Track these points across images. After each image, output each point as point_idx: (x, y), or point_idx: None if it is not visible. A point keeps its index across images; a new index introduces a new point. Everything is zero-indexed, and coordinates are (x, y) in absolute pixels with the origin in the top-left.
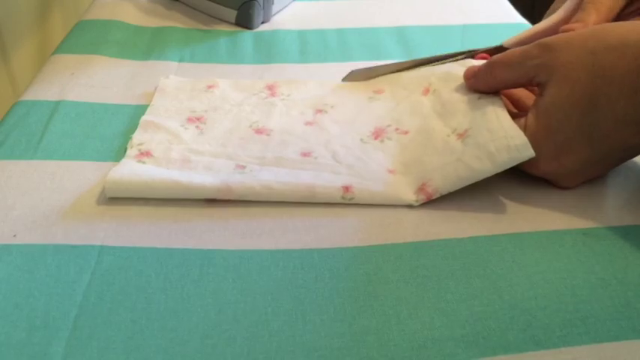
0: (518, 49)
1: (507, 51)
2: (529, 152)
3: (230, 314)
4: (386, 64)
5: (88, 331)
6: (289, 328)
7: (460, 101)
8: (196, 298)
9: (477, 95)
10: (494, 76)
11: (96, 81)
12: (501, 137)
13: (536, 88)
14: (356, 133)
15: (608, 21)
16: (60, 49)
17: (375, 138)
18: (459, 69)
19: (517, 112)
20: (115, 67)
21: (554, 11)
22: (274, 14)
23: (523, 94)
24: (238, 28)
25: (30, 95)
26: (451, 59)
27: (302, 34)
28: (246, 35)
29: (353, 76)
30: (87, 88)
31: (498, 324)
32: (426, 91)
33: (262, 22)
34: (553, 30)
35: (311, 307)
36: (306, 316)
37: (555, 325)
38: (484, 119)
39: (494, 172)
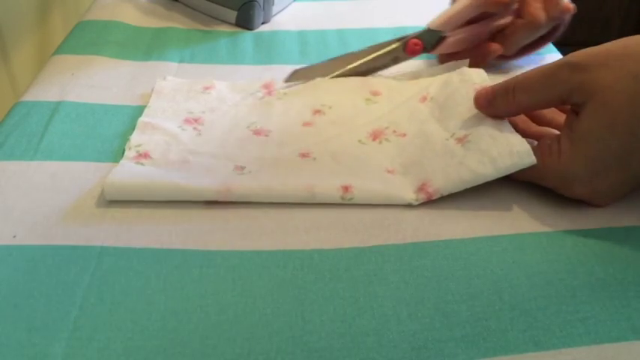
0: (538, 70)
1: (526, 74)
2: (531, 159)
3: (230, 315)
4: (328, 61)
5: (88, 332)
6: (289, 329)
7: (458, 106)
8: (196, 299)
9: (473, 97)
10: (518, 103)
11: (96, 81)
12: (504, 143)
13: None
14: (354, 134)
15: None
16: (60, 49)
17: (374, 139)
18: (456, 78)
19: (538, 128)
20: (115, 68)
21: None
22: (274, 15)
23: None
24: (238, 29)
25: (30, 96)
26: (386, 48)
27: (302, 35)
28: (247, 36)
29: (296, 76)
30: (87, 88)
31: (498, 325)
32: (424, 99)
33: (262, 23)
34: (480, 5)
35: (311, 308)
36: (306, 317)
37: (555, 325)
38: (485, 126)
39: (496, 177)
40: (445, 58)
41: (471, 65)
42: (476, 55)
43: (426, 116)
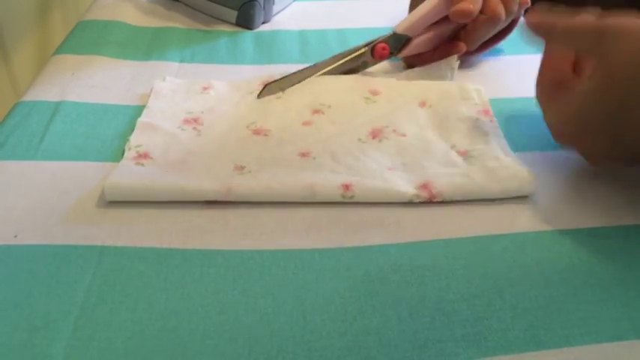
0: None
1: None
2: (531, 188)
3: (231, 314)
4: (299, 71)
5: (89, 332)
6: (290, 329)
7: (459, 122)
8: (197, 299)
9: (474, 117)
10: (555, 36)
11: (97, 81)
12: (509, 167)
13: None
14: (353, 133)
15: None
16: (60, 49)
17: (373, 138)
18: (456, 92)
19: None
20: (115, 68)
21: None
22: (275, 14)
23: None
24: (239, 29)
25: (31, 96)
26: (354, 53)
27: (303, 35)
28: (247, 35)
29: (269, 90)
30: (88, 88)
31: (499, 324)
32: (423, 104)
33: (263, 23)
34: (434, 11)
35: (312, 308)
36: (306, 317)
37: (556, 325)
38: (488, 146)
39: (501, 197)
40: (411, 60)
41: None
42: (442, 54)
43: (425, 122)
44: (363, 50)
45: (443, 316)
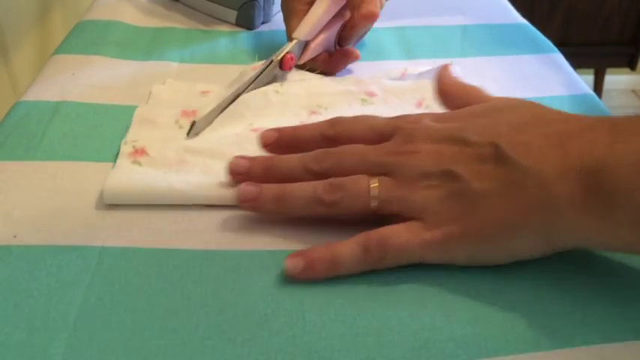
0: None
1: None
2: None
3: (230, 315)
4: (218, 105)
5: (88, 332)
6: (289, 329)
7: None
8: (196, 299)
9: None
10: None
11: (96, 81)
12: None
13: None
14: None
15: None
16: (60, 49)
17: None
18: None
19: None
20: (115, 68)
21: None
22: (275, 14)
23: None
24: (238, 29)
25: (30, 96)
26: (265, 69)
27: None
28: (247, 35)
29: (196, 129)
30: (87, 88)
31: (499, 324)
32: (419, 104)
33: (263, 23)
34: (333, 6)
35: (311, 308)
36: (306, 317)
37: (556, 325)
38: None
39: None
40: (310, 64)
41: (334, 66)
42: (338, 59)
43: None
44: (272, 64)
45: (442, 316)
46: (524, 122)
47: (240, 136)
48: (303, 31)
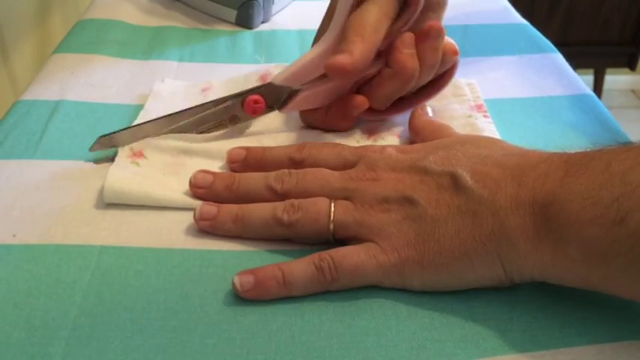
0: None
1: None
2: None
3: (230, 315)
4: (150, 122)
5: (88, 331)
6: (288, 329)
7: (451, 119)
8: (196, 299)
9: (467, 114)
10: None
11: (96, 80)
12: None
13: None
14: (349, 135)
15: (374, 46)
16: (60, 48)
17: (369, 137)
18: (449, 91)
19: None
20: (115, 67)
21: (324, 32)
22: (274, 14)
23: None
24: (238, 28)
25: (30, 95)
26: (220, 105)
27: (302, 34)
28: (246, 35)
29: (100, 145)
30: (87, 87)
31: (498, 324)
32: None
33: (262, 22)
34: (321, 59)
35: (310, 308)
36: (305, 317)
37: (555, 325)
38: None
39: None
40: (308, 115)
41: (335, 120)
42: (338, 110)
43: None
44: (230, 102)
45: (441, 316)
46: (484, 155)
47: (236, 137)
48: (281, 74)
